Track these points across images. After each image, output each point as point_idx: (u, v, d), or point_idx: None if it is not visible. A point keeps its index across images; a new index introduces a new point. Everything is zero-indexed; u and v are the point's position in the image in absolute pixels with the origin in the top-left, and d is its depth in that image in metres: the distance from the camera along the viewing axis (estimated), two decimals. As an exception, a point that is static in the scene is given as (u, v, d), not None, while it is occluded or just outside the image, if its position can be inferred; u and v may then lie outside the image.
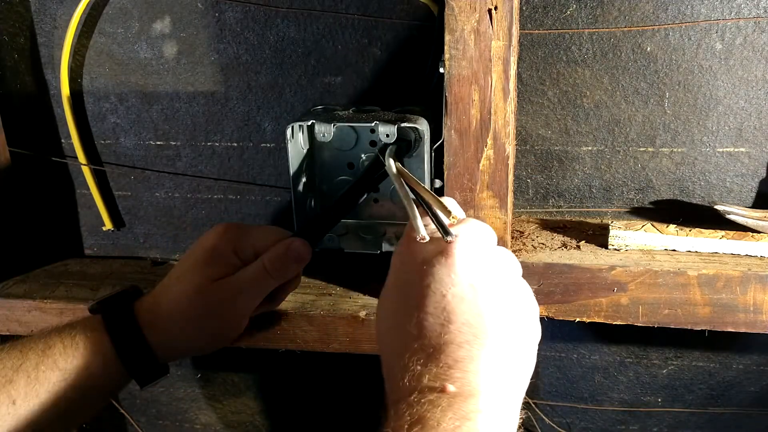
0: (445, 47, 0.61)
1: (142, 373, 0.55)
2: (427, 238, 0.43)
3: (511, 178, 0.65)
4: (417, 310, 0.41)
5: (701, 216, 0.76)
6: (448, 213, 0.44)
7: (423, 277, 0.42)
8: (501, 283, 0.43)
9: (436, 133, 0.67)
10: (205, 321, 0.55)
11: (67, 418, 0.55)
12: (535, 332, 0.45)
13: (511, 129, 0.64)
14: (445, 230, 0.43)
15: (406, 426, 0.35)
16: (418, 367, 0.38)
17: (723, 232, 0.70)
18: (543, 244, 0.74)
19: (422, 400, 0.36)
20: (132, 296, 0.58)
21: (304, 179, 0.73)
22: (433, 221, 0.45)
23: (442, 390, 0.37)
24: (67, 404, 0.54)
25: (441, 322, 0.40)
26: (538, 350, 0.46)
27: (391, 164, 0.59)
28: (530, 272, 0.69)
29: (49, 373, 0.53)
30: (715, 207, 0.71)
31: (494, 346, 0.40)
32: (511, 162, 0.66)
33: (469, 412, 0.36)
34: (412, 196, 0.50)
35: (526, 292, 0.45)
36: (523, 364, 0.43)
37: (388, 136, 0.67)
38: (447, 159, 0.65)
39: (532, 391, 0.92)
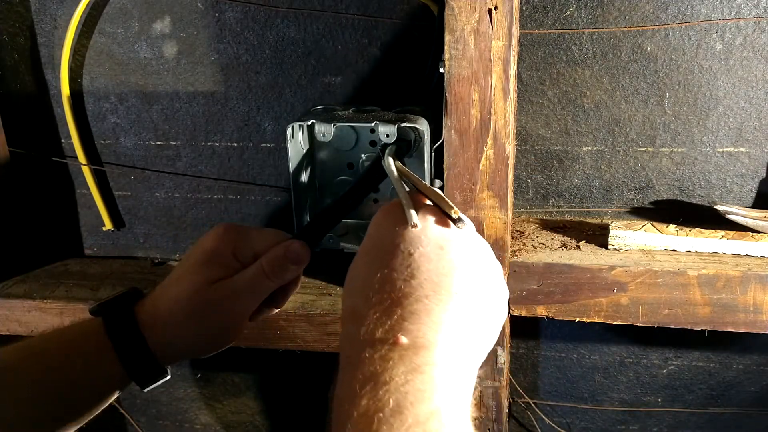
0: (445, 47, 0.61)
1: (143, 375, 0.55)
2: (419, 226, 0.43)
3: (511, 178, 0.65)
4: (383, 267, 0.41)
5: (701, 216, 0.76)
6: (450, 208, 0.44)
7: (395, 239, 0.42)
8: (470, 252, 0.43)
9: (436, 133, 0.67)
10: (204, 322, 0.55)
11: (67, 419, 0.55)
12: (501, 309, 0.45)
13: (511, 129, 0.64)
14: (453, 219, 0.44)
15: (357, 385, 0.34)
16: (373, 320, 0.38)
17: (723, 232, 0.70)
18: (543, 244, 0.74)
19: (374, 356, 0.35)
20: (132, 298, 0.58)
21: (304, 179, 0.73)
22: (441, 210, 0.45)
23: (395, 342, 0.36)
24: (68, 406, 0.54)
25: (404, 277, 0.40)
26: (538, 350, 0.47)
27: (390, 163, 0.58)
28: (530, 272, 0.69)
29: (49, 375, 0.54)
30: (715, 207, 0.71)
31: (454, 305, 0.39)
32: (511, 162, 0.66)
33: (421, 365, 0.35)
34: (406, 188, 0.50)
35: (495, 269, 0.45)
36: (483, 331, 0.42)
37: (388, 136, 0.67)
38: (447, 159, 0.65)
39: (532, 390, 0.92)
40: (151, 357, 0.55)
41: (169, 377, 0.57)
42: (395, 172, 0.56)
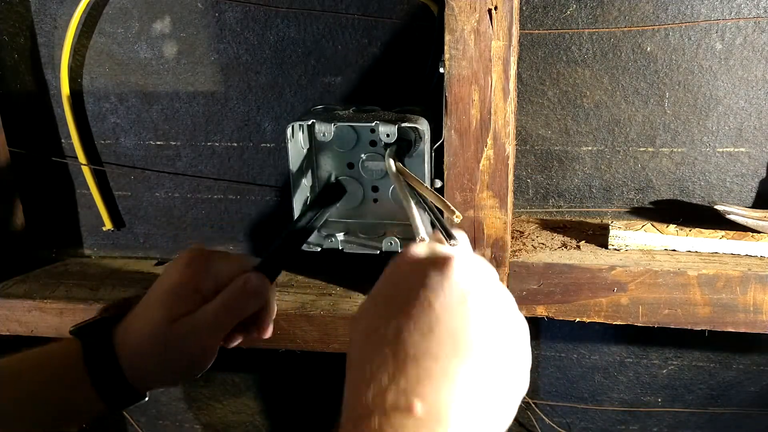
0: (445, 47, 0.61)
1: (114, 400, 0.56)
2: (427, 239, 0.43)
3: (511, 178, 0.65)
4: (400, 314, 0.37)
5: (701, 216, 0.76)
6: (452, 212, 0.43)
7: (414, 283, 0.39)
8: (496, 306, 0.40)
9: (436, 133, 0.67)
10: (169, 354, 0.55)
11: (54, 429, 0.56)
12: (524, 375, 0.41)
13: (511, 129, 0.64)
14: (448, 233, 0.42)
15: None
16: (385, 379, 0.34)
17: (723, 232, 0.70)
18: (543, 244, 0.74)
19: (384, 427, 0.33)
20: (111, 322, 0.58)
21: (304, 179, 0.73)
22: (437, 224, 0.44)
23: (409, 409, 0.33)
24: (54, 418, 0.56)
25: (422, 330, 0.36)
26: (538, 350, 0.46)
27: (391, 164, 0.59)
28: (530, 272, 0.69)
29: (28, 396, 0.55)
30: (715, 207, 0.71)
31: (474, 367, 0.36)
32: (511, 162, 0.66)
33: None
34: (413, 197, 0.50)
35: (521, 328, 0.41)
36: (504, 399, 0.38)
37: (388, 135, 0.67)
38: (447, 159, 0.65)
39: (533, 390, 0.92)
40: (124, 382, 0.56)
41: (146, 400, 0.58)
42: (395, 172, 0.56)
